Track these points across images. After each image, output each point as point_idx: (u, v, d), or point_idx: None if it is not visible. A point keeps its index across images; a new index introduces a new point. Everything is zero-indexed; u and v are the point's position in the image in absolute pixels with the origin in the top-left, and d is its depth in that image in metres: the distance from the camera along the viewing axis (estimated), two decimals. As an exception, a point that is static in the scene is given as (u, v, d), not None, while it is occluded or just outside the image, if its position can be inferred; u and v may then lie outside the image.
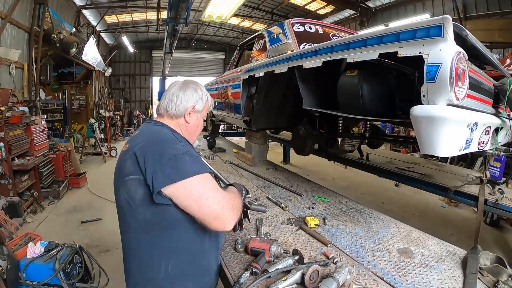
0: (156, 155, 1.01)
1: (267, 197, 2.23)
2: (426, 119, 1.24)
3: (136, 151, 1.04)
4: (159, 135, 1.12)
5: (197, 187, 1.00)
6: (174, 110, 1.23)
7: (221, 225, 1.02)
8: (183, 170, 1.00)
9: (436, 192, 2.56)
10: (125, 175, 1.06)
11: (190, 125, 1.28)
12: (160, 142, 1.07)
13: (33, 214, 4.29)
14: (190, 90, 1.26)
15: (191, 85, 1.29)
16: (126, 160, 1.07)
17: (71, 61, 9.16)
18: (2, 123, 3.93)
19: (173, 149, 1.03)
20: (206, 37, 16.06)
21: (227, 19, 6.63)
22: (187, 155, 1.04)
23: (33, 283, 2.19)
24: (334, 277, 1.08)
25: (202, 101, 1.29)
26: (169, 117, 1.25)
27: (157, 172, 0.98)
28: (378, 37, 1.45)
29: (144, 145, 1.06)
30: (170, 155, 1.01)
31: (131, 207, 1.06)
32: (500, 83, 1.85)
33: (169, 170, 0.99)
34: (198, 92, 1.28)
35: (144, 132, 1.17)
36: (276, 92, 2.93)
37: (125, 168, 1.06)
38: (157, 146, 1.05)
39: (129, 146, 1.12)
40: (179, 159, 1.01)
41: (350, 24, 10.60)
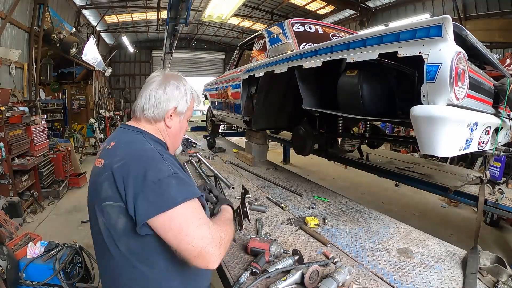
0: (138, 179, 0.86)
1: (267, 197, 2.23)
2: (426, 119, 1.24)
3: (114, 172, 0.88)
4: (140, 151, 0.93)
5: (179, 219, 0.84)
6: (152, 113, 1.04)
7: (204, 264, 0.85)
8: (168, 198, 0.85)
9: (436, 192, 2.56)
10: (103, 200, 0.90)
11: (172, 130, 1.09)
12: (142, 160, 0.90)
13: (33, 214, 4.29)
14: (171, 88, 1.05)
15: (172, 80, 1.06)
16: (103, 182, 0.91)
17: (71, 61, 9.17)
18: (2, 123, 3.93)
19: (157, 170, 0.87)
20: (206, 37, 16.07)
21: (227, 19, 6.64)
22: (173, 178, 0.88)
23: (33, 283, 2.19)
24: (333, 277, 1.08)
25: (185, 101, 1.08)
26: (147, 121, 1.06)
27: (139, 200, 0.84)
28: (378, 37, 1.45)
29: (124, 164, 0.89)
30: (154, 178, 0.85)
31: (111, 236, 0.91)
32: (500, 83, 1.85)
33: (153, 197, 0.84)
34: (181, 90, 1.07)
35: (121, 145, 0.98)
36: (276, 92, 2.93)
37: (102, 191, 0.91)
38: (139, 166, 0.88)
39: (104, 162, 0.95)
40: (164, 183, 0.86)
41: (350, 24, 10.61)
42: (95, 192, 0.95)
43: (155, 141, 1.03)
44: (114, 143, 0.99)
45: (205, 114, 7.33)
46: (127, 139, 1.01)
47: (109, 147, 0.99)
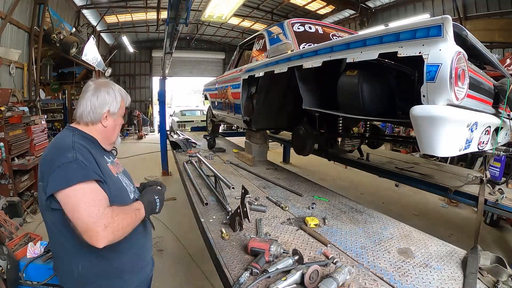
0: (48, 163, 1.08)
1: (267, 197, 2.23)
2: (426, 119, 1.24)
3: (40, 160, 1.17)
4: (57, 143, 1.17)
5: (73, 198, 1.02)
6: (90, 118, 1.24)
7: (89, 240, 0.99)
8: (66, 178, 1.03)
9: (436, 192, 2.57)
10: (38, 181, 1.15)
11: (108, 128, 1.28)
12: (54, 149, 1.14)
13: (33, 214, 4.29)
14: (102, 94, 1.25)
15: (102, 88, 1.27)
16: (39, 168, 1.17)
17: (71, 61, 9.16)
18: (2, 123, 3.93)
19: (63, 157, 1.07)
20: (206, 37, 16.06)
21: (227, 19, 6.63)
22: (74, 164, 1.06)
23: (33, 283, 2.18)
24: (334, 277, 1.08)
25: (116, 102, 1.28)
26: (85, 124, 1.25)
27: (47, 179, 1.05)
28: (378, 37, 1.45)
29: (44, 154, 1.17)
30: (59, 163, 1.05)
31: (42, 211, 1.16)
32: (500, 83, 1.85)
33: (56, 177, 1.03)
34: (111, 94, 1.27)
35: (52, 140, 1.25)
36: (276, 92, 2.93)
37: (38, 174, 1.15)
38: (51, 154, 1.12)
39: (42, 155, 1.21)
40: (65, 167, 1.05)
41: (350, 24, 10.60)
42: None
43: (83, 137, 1.22)
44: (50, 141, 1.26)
45: (205, 114, 7.33)
46: (57, 136, 1.25)
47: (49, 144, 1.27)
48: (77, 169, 1.06)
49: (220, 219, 1.81)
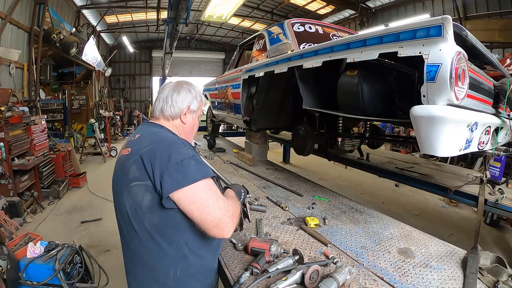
0: (163, 160, 1.01)
1: (267, 197, 2.23)
2: (426, 119, 1.24)
3: (143, 155, 1.03)
4: (164, 138, 1.11)
5: (201, 193, 1.00)
6: (169, 112, 1.23)
7: (220, 233, 1.01)
8: (189, 175, 1.00)
9: (436, 192, 2.56)
10: (131, 181, 1.04)
11: (187, 126, 1.28)
12: (166, 145, 1.06)
13: (33, 214, 4.29)
14: (184, 91, 1.25)
15: (184, 85, 1.28)
16: (131, 165, 1.05)
17: (71, 61, 9.17)
18: (2, 123, 3.93)
19: (179, 153, 1.04)
20: (206, 37, 16.07)
21: (227, 19, 6.63)
22: (192, 160, 1.04)
23: (33, 283, 2.19)
24: (334, 277, 1.08)
25: (196, 101, 1.28)
26: (165, 119, 1.24)
27: (164, 177, 0.99)
28: (378, 37, 1.45)
29: (150, 149, 1.04)
30: (177, 159, 1.01)
31: (137, 214, 1.05)
32: (500, 83, 1.85)
33: (176, 174, 0.99)
34: (192, 92, 1.27)
35: (147, 135, 1.15)
36: (276, 92, 2.93)
37: (129, 173, 1.05)
38: (164, 150, 1.04)
39: (131, 150, 1.10)
40: (185, 163, 1.01)
41: (350, 24, 10.61)
42: (123, 175, 1.09)
43: (173, 134, 1.21)
44: (139, 135, 1.17)
45: (205, 114, 7.33)
46: (151, 131, 1.18)
47: (134, 139, 1.16)
48: (196, 165, 1.04)
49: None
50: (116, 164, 1.17)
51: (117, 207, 1.15)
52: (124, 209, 1.08)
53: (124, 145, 1.19)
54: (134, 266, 1.13)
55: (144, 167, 1.02)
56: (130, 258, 1.14)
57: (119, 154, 1.18)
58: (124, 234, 1.14)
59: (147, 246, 1.07)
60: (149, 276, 1.10)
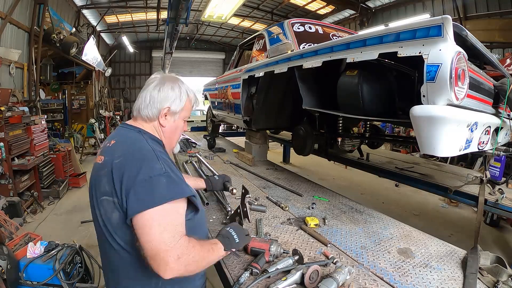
0: (131, 176, 0.91)
1: (267, 197, 2.23)
2: (426, 119, 1.24)
3: (113, 168, 0.94)
4: (137, 150, 0.98)
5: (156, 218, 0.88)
6: (146, 112, 1.09)
7: (155, 267, 0.85)
8: (157, 195, 0.89)
9: (436, 192, 2.56)
10: (101, 194, 0.97)
11: (166, 129, 1.13)
12: (137, 159, 0.95)
13: (33, 214, 4.29)
14: (166, 88, 1.10)
15: (167, 82, 1.11)
16: (102, 177, 0.97)
17: (71, 61, 9.17)
18: (2, 123, 3.93)
19: (149, 168, 0.92)
20: (206, 37, 16.08)
21: (227, 19, 6.63)
22: (163, 177, 0.92)
23: (33, 283, 2.19)
24: (334, 277, 1.08)
25: (179, 101, 1.11)
26: (143, 120, 1.11)
27: (130, 195, 0.89)
28: (378, 37, 1.45)
29: (121, 162, 0.95)
30: (145, 176, 0.90)
31: (108, 229, 0.97)
32: (500, 83, 1.85)
33: (143, 193, 0.89)
34: (175, 90, 1.11)
35: (121, 143, 1.04)
36: (276, 92, 2.93)
37: (100, 186, 0.97)
38: (134, 164, 0.93)
39: (104, 159, 1.00)
40: (154, 181, 0.90)
41: (350, 24, 10.61)
42: (95, 187, 1.01)
43: (153, 140, 1.07)
44: (114, 141, 1.05)
45: (205, 114, 7.33)
46: (126, 138, 1.06)
47: (109, 145, 1.05)
48: (167, 184, 0.92)
49: (220, 219, 1.81)
50: (92, 172, 1.07)
51: (93, 218, 1.05)
52: (98, 220, 1.00)
53: (99, 151, 1.10)
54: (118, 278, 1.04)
55: (113, 181, 0.93)
56: (110, 269, 1.06)
57: (94, 161, 1.08)
58: (100, 245, 1.06)
59: (125, 259, 0.99)
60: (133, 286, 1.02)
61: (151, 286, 1.01)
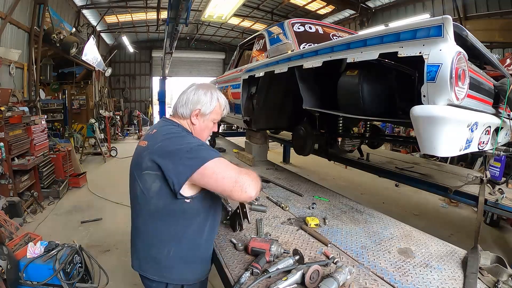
0: (175, 152, 1.13)
1: (267, 197, 2.23)
2: (426, 119, 1.24)
3: (156, 150, 1.17)
4: (174, 135, 1.22)
5: (214, 168, 1.11)
6: (181, 111, 1.32)
7: (243, 191, 1.09)
8: (200, 157, 1.11)
9: (436, 192, 2.56)
10: (143, 169, 1.19)
11: (196, 127, 1.34)
12: (176, 140, 1.19)
13: (33, 214, 4.29)
14: (199, 93, 1.32)
15: (202, 88, 1.35)
16: (145, 156, 1.19)
17: (71, 61, 9.16)
18: (2, 123, 3.92)
19: (188, 143, 1.16)
20: (206, 37, 16.06)
21: (227, 19, 6.63)
22: (202, 146, 1.16)
23: (33, 283, 2.19)
24: (334, 277, 1.08)
25: (209, 105, 1.33)
26: (179, 117, 1.35)
27: (179, 166, 1.11)
28: (378, 37, 1.45)
29: (162, 145, 1.17)
30: (187, 148, 1.13)
31: (145, 197, 1.20)
32: (500, 83, 1.85)
33: (189, 161, 1.11)
34: (207, 96, 1.33)
35: (161, 132, 1.26)
36: (276, 92, 2.93)
37: (143, 163, 1.19)
38: (174, 144, 1.17)
39: (148, 143, 1.23)
40: (194, 149, 1.13)
41: (350, 24, 10.60)
42: (137, 163, 1.24)
43: (187, 131, 1.31)
44: (156, 130, 1.29)
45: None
46: (165, 128, 1.28)
47: (151, 133, 1.29)
48: (207, 149, 1.15)
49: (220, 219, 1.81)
50: (134, 153, 1.31)
51: (130, 190, 1.30)
52: (135, 192, 1.24)
53: (142, 137, 1.33)
54: (137, 241, 1.30)
55: (155, 160, 1.15)
56: (134, 234, 1.31)
57: (138, 144, 1.33)
58: (132, 214, 1.31)
59: (148, 225, 1.23)
60: (147, 251, 1.26)
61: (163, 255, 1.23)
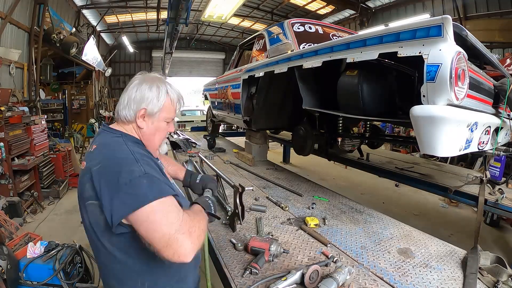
0: (112, 182, 0.90)
1: (267, 197, 2.23)
2: (426, 119, 1.24)
3: (93, 175, 0.93)
4: (115, 155, 0.97)
5: (151, 214, 0.87)
6: (124, 114, 1.05)
7: (175, 254, 0.84)
8: (140, 196, 0.88)
9: (436, 192, 2.57)
10: (86, 199, 0.96)
11: (145, 131, 1.08)
12: (116, 163, 0.94)
13: (33, 214, 4.29)
14: (142, 89, 1.04)
15: (146, 82, 1.06)
16: (86, 183, 0.96)
17: (71, 61, 9.16)
18: (2, 123, 3.93)
19: (129, 172, 0.90)
20: (206, 37, 16.06)
21: (227, 19, 6.63)
22: (144, 178, 0.90)
23: (33, 283, 2.19)
24: (334, 277, 1.08)
25: (157, 101, 1.05)
26: (122, 122, 1.08)
27: (113, 202, 0.88)
28: (378, 37, 1.45)
29: (100, 168, 0.94)
30: (126, 180, 0.89)
31: (95, 233, 0.98)
32: (500, 83, 1.85)
33: (126, 197, 0.88)
34: (153, 91, 1.05)
35: (101, 148, 1.03)
36: (276, 92, 2.93)
37: (84, 191, 0.97)
38: (112, 169, 0.92)
39: (86, 165, 1.00)
40: (135, 183, 0.89)
41: (350, 24, 10.60)
42: (80, 191, 1.00)
43: (134, 142, 1.06)
44: (96, 146, 1.03)
45: (205, 114, 7.33)
46: (106, 142, 1.04)
47: (91, 150, 1.03)
48: (149, 184, 0.90)
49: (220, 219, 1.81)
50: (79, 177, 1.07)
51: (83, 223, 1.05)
52: (86, 226, 1.02)
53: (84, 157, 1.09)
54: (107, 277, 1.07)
55: (94, 188, 0.92)
56: (102, 270, 1.09)
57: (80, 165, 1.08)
58: (92, 248, 1.07)
59: (113, 260, 1.00)
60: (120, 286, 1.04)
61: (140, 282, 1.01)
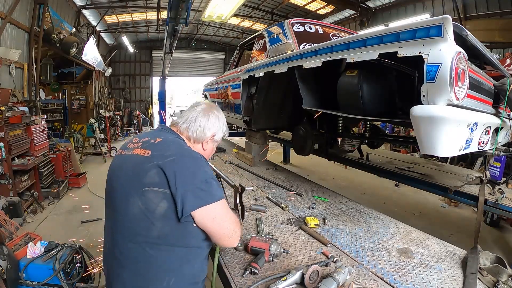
0: (188, 176, 1.02)
1: (267, 197, 2.23)
2: (426, 119, 1.24)
3: (166, 164, 1.01)
4: (189, 154, 1.09)
5: (220, 210, 1.07)
6: (195, 135, 1.23)
7: (233, 243, 1.13)
8: (213, 194, 1.05)
9: (436, 192, 2.56)
10: (146, 185, 1.01)
11: (206, 152, 1.28)
12: (192, 162, 1.07)
13: (33, 214, 4.29)
14: (214, 118, 1.26)
15: (215, 112, 1.28)
16: (150, 169, 1.01)
17: (71, 61, 9.16)
18: (2, 123, 3.92)
19: (204, 172, 1.06)
20: (206, 37, 16.05)
21: (227, 19, 6.62)
22: (213, 181, 1.08)
23: (33, 283, 2.19)
24: (334, 277, 1.08)
25: (221, 131, 1.30)
26: (188, 137, 1.24)
27: (188, 194, 1.00)
28: (378, 37, 1.45)
29: (175, 161, 1.03)
30: (202, 178, 1.04)
31: (147, 219, 1.01)
32: (500, 83, 1.85)
33: (201, 193, 1.02)
34: (221, 121, 1.29)
35: (170, 144, 1.12)
36: (276, 92, 2.93)
37: (146, 177, 1.01)
38: (189, 166, 1.05)
39: (152, 153, 1.06)
40: (209, 183, 1.05)
41: (350, 24, 10.60)
42: (136, 175, 1.05)
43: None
44: (161, 140, 1.12)
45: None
46: (172, 140, 1.16)
47: (154, 142, 1.12)
48: (217, 186, 1.09)
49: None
50: (126, 161, 1.11)
51: (115, 206, 1.08)
52: (129, 213, 1.03)
53: (137, 144, 1.13)
54: (126, 272, 1.06)
55: (165, 176, 1.00)
56: (122, 263, 1.06)
57: (131, 151, 1.11)
58: (116, 237, 1.07)
59: (147, 253, 1.02)
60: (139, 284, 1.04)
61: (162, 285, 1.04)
